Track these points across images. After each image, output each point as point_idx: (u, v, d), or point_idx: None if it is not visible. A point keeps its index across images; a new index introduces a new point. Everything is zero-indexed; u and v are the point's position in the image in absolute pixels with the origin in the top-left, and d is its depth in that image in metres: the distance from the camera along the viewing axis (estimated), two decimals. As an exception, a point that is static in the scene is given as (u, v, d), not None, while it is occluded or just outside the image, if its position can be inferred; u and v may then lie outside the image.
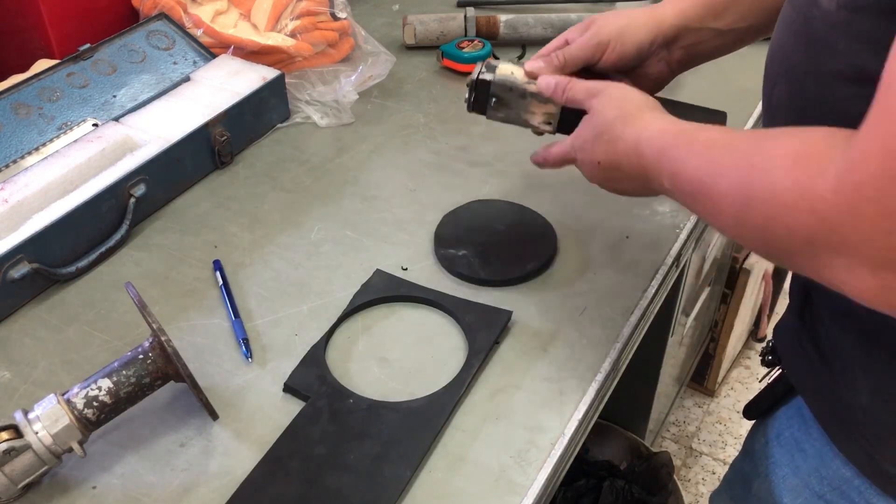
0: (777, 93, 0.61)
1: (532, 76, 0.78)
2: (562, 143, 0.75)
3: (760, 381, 0.75)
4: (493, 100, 0.79)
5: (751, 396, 0.78)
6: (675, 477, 1.41)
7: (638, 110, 0.69)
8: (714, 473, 1.79)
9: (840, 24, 0.51)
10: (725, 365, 1.89)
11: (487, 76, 0.78)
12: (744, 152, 0.53)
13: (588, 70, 0.79)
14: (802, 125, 0.55)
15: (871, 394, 0.60)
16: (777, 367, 0.74)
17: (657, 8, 0.80)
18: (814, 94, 0.55)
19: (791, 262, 0.51)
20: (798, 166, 0.47)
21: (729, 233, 0.56)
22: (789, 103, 0.60)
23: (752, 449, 0.77)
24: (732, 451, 1.82)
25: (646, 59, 0.80)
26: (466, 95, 0.80)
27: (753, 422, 0.79)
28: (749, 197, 0.50)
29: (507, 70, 0.78)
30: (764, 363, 0.76)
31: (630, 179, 0.69)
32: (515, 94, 0.78)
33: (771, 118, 0.64)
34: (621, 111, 0.70)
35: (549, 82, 0.76)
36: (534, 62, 0.78)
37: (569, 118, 0.77)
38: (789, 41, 0.58)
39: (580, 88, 0.74)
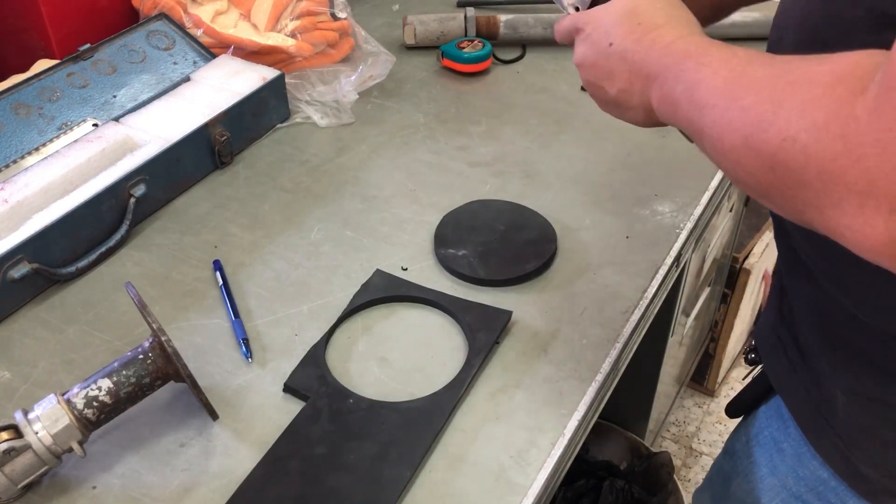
0: (786, 42, 0.58)
1: None
2: (577, 14, 0.67)
3: (743, 379, 0.75)
4: None
5: (751, 397, 0.78)
6: (675, 477, 1.41)
7: (685, 20, 0.62)
8: (714, 473, 1.79)
9: None
10: (725, 365, 1.89)
11: None
12: (784, 70, 0.48)
13: None
14: None
15: (846, 395, 0.59)
16: (758, 366, 0.74)
17: None
18: (824, 42, 0.52)
19: (792, 196, 0.47)
20: (840, 85, 0.43)
21: (730, 156, 0.50)
22: (798, 52, 0.58)
23: (732, 448, 0.77)
24: (732, 451, 1.82)
25: None
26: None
27: (738, 420, 0.80)
28: (777, 109, 0.46)
29: None
30: (747, 361, 0.76)
31: (632, 76, 0.62)
32: None
33: None
34: (673, 9, 0.63)
35: None
36: None
37: None
38: None
39: (566, 21, 0.68)
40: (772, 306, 0.70)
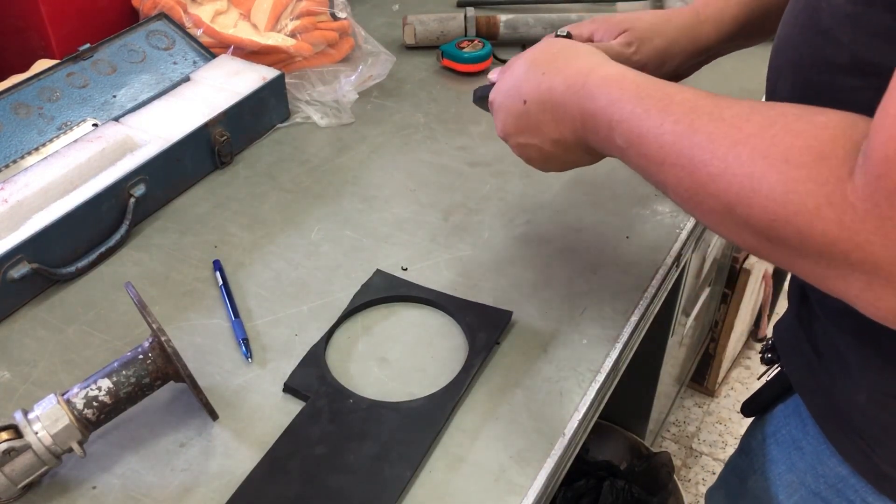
0: (781, 85, 0.59)
1: None
2: (495, 79, 0.68)
3: (759, 379, 0.75)
4: None
5: (751, 396, 0.78)
6: (675, 477, 1.41)
7: (588, 52, 0.62)
8: (714, 473, 1.79)
9: (849, 16, 0.48)
10: (725, 365, 1.89)
11: None
12: (746, 133, 0.47)
13: None
14: None
15: (869, 394, 0.60)
16: (776, 365, 0.74)
17: (699, 26, 0.75)
18: (817, 85, 0.53)
19: (792, 265, 0.47)
20: (823, 165, 0.42)
21: (710, 219, 0.50)
22: (794, 96, 0.57)
23: (748, 446, 0.77)
24: (732, 451, 1.82)
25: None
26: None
27: (751, 419, 0.80)
28: (756, 188, 0.45)
29: None
30: (763, 361, 0.76)
31: (557, 123, 0.61)
32: None
33: None
34: (566, 49, 0.62)
35: None
36: None
37: None
38: (795, 33, 0.55)
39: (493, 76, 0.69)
40: (791, 308, 0.70)
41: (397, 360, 0.76)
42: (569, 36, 0.74)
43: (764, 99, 0.86)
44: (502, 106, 0.65)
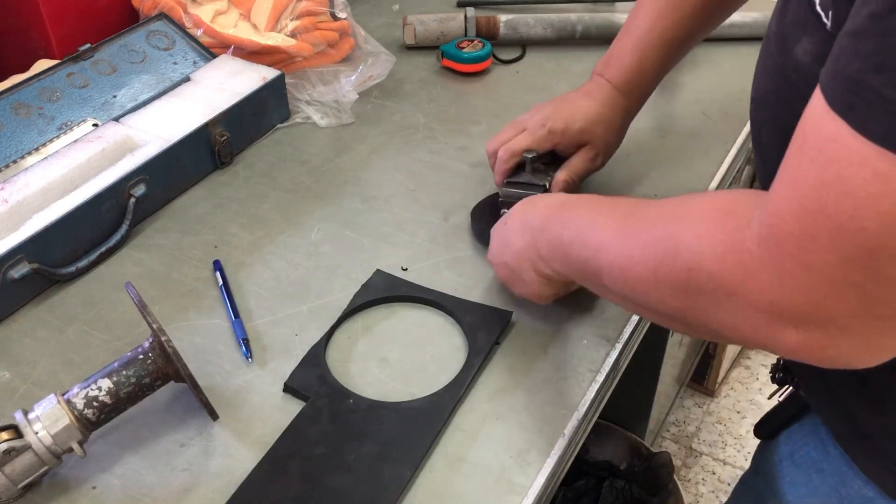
0: (766, 139, 0.62)
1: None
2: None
3: (770, 398, 0.74)
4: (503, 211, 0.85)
5: (751, 396, 0.78)
6: (675, 477, 1.41)
7: (543, 207, 0.72)
8: (714, 473, 1.79)
9: (815, 76, 0.52)
10: (725, 365, 1.89)
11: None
12: (666, 210, 0.55)
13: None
14: None
15: (895, 416, 0.59)
16: (787, 386, 0.73)
17: (627, 104, 0.87)
18: None
19: (707, 317, 0.51)
20: (726, 218, 0.49)
21: (638, 287, 0.56)
22: (779, 148, 0.60)
23: (764, 468, 0.76)
24: (732, 451, 1.83)
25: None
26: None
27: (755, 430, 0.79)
28: (677, 246, 0.51)
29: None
30: (774, 380, 0.75)
31: (523, 262, 0.72)
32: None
33: (763, 161, 0.65)
34: (525, 213, 0.73)
35: None
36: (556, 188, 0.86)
37: None
38: (770, 88, 0.60)
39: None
40: None
41: (397, 360, 0.76)
42: (536, 157, 0.85)
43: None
44: (495, 265, 0.78)
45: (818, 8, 0.49)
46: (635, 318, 0.79)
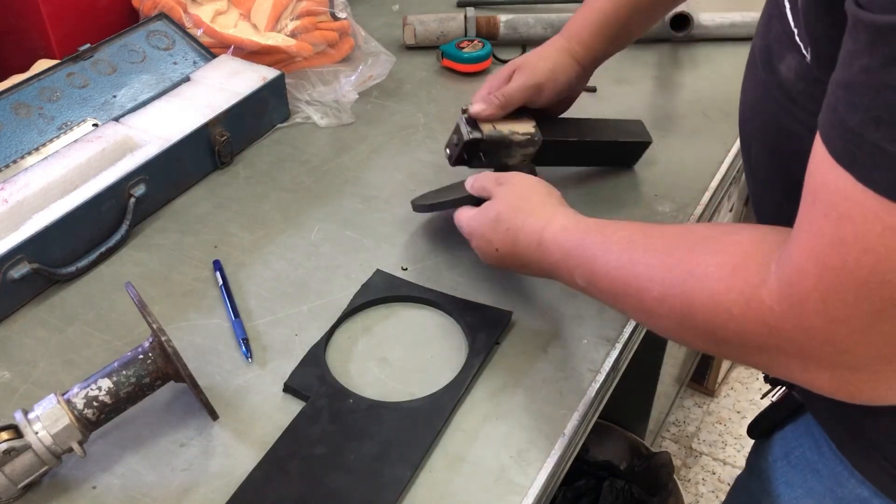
0: (755, 153, 0.63)
1: (478, 118, 0.86)
2: (464, 216, 0.79)
3: (763, 398, 0.74)
4: (482, 154, 0.87)
5: (751, 396, 0.78)
6: (675, 477, 1.41)
7: (541, 204, 0.73)
8: (714, 473, 1.79)
9: (799, 92, 0.52)
10: (725, 365, 1.89)
11: (476, 135, 0.85)
12: (675, 258, 0.54)
13: (524, 108, 0.88)
14: (785, 179, 0.57)
15: (892, 415, 0.59)
16: (781, 387, 0.73)
17: (569, 46, 0.89)
18: (788, 149, 0.57)
19: (743, 360, 0.52)
20: (737, 277, 0.49)
21: (670, 334, 0.58)
22: (768, 160, 0.61)
23: (758, 467, 0.76)
24: (732, 451, 1.83)
25: (570, 90, 0.90)
26: (449, 153, 0.89)
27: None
28: (691, 305, 0.52)
29: (489, 126, 0.86)
30: (767, 380, 0.75)
31: (529, 268, 0.73)
32: (503, 146, 0.86)
33: (753, 175, 0.65)
34: (523, 202, 0.73)
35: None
36: (477, 105, 0.86)
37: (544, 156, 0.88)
38: (757, 103, 0.60)
39: (489, 177, 0.79)
40: None
41: (397, 360, 0.75)
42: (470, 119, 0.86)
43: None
44: (479, 248, 0.77)
45: (797, 38, 0.50)
46: (635, 318, 0.79)
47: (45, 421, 0.62)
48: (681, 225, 0.60)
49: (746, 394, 1.93)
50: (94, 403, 0.64)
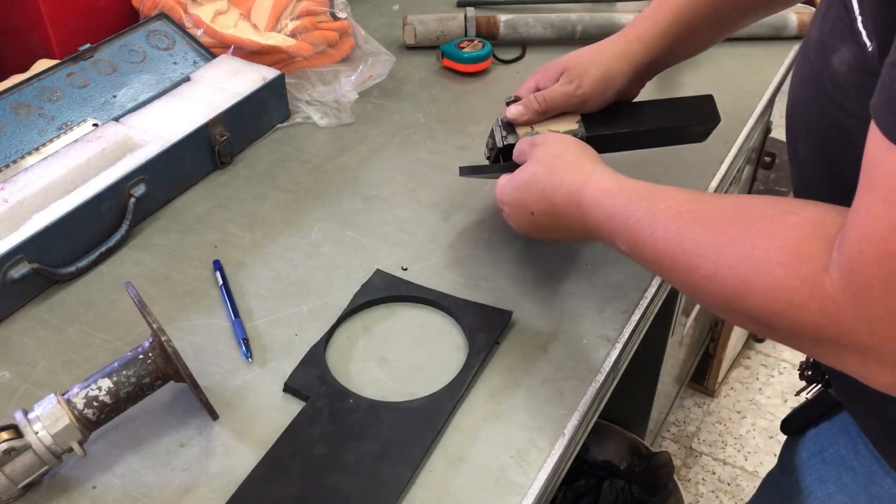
0: (802, 148, 0.61)
1: (515, 122, 0.82)
2: (498, 183, 0.76)
3: (797, 395, 0.74)
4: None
5: (751, 396, 0.78)
6: (675, 477, 1.41)
7: (577, 162, 0.70)
8: (714, 473, 1.79)
9: (852, 86, 0.51)
10: (725, 365, 1.89)
11: (511, 140, 0.81)
12: (729, 237, 0.52)
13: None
14: (832, 175, 0.55)
15: None
16: (817, 384, 0.72)
17: (629, 47, 0.81)
18: (836, 145, 0.55)
19: (793, 346, 0.51)
20: (800, 262, 0.47)
21: (715, 310, 0.55)
22: (815, 157, 0.59)
23: (791, 464, 0.75)
24: (732, 451, 1.83)
25: (620, 98, 0.84)
26: (487, 155, 0.85)
27: (787, 435, 0.78)
28: (747, 288, 0.50)
29: (525, 129, 0.82)
30: (803, 377, 0.74)
31: (568, 230, 0.70)
32: None
33: (798, 171, 0.63)
34: (558, 160, 0.70)
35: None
36: (515, 109, 0.81)
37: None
38: (807, 97, 0.58)
39: (525, 141, 0.76)
40: None
41: (397, 360, 0.76)
42: (516, 99, 0.82)
43: (760, 107, 0.88)
44: (513, 215, 0.75)
45: (859, 25, 0.48)
46: (635, 318, 0.79)
47: (45, 421, 0.62)
48: (730, 197, 0.56)
49: (746, 394, 1.93)
50: (94, 403, 0.64)
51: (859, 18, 0.48)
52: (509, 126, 0.83)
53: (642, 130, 0.85)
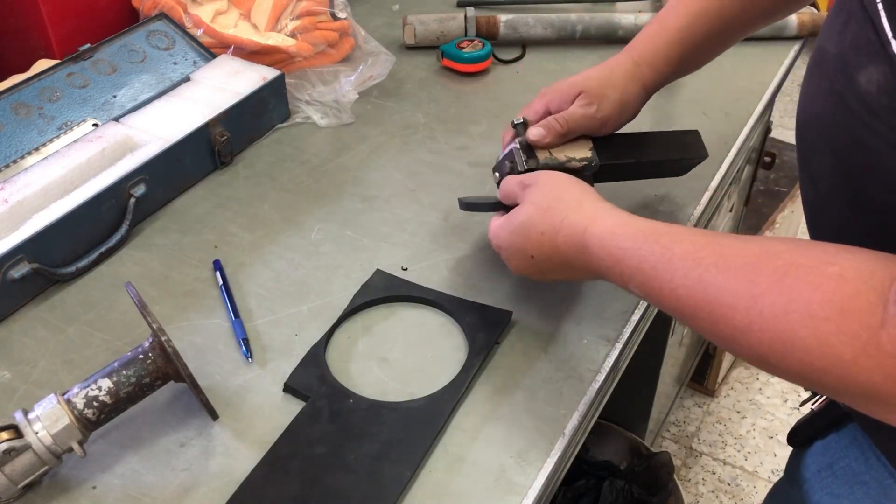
0: (818, 163, 0.58)
1: (536, 146, 0.79)
2: (492, 226, 0.75)
3: (802, 406, 0.73)
4: None
5: (751, 396, 0.77)
6: (675, 477, 1.41)
7: (577, 202, 0.68)
8: (714, 473, 1.79)
9: (883, 107, 0.48)
10: (725, 365, 1.89)
11: (533, 164, 0.79)
12: (761, 287, 0.48)
13: None
14: (855, 193, 0.52)
15: None
16: (824, 395, 0.71)
17: (637, 70, 0.81)
18: (861, 164, 0.53)
19: (839, 399, 0.48)
20: (849, 318, 0.44)
21: (748, 359, 0.51)
22: (835, 174, 0.57)
23: (800, 477, 0.74)
24: (732, 451, 1.83)
25: (633, 117, 0.83)
26: (498, 178, 0.81)
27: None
28: (788, 345, 0.46)
29: (545, 153, 0.80)
30: (808, 388, 0.73)
31: (572, 271, 0.68)
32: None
33: (813, 186, 0.61)
34: (557, 202, 0.68)
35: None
36: (536, 132, 0.78)
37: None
38: (826, 112, 0.55)
39: (513, 181, 0.74)
40: None
41: (397, 360, 0.76)
42: (524, 123, 0.80)
43: (760, 107, 0.86)
44: (511, 259, 0.73)
45: (893, 48, 0.45)
46: (635, 318, 0.79)
47: (45, 421, 0.62)
48: (753, 240, 0.52)
49: (746, 394, 1.93)
50: (95, 403, 0.64)
51: (893, 42, 0.45)
52: (529, 149, 0.80)
53: (644, 162, 0.85)
